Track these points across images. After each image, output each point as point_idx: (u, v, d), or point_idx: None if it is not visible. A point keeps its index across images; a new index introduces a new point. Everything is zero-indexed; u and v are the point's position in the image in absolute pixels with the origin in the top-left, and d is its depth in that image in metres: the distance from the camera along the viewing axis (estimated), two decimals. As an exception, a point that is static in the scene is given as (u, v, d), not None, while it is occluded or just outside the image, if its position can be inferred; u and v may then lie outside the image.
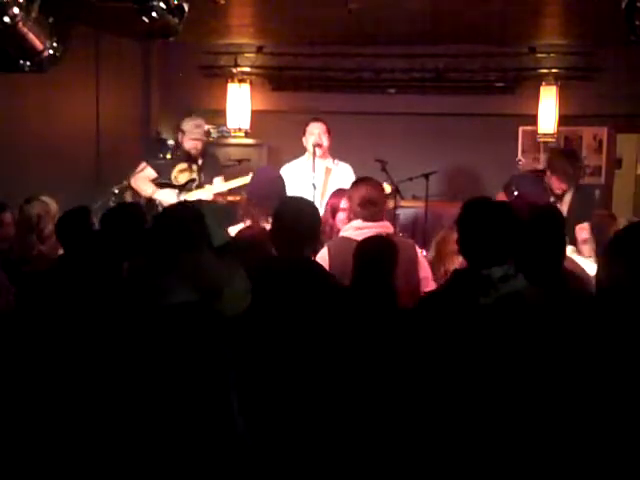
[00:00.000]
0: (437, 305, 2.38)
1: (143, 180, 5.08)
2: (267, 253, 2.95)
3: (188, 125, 5.15)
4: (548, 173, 4.74)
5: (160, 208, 5.01)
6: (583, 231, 4.07)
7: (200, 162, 5.18)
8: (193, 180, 5.16)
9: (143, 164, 5.12)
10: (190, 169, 5.17)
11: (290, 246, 2.70)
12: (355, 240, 3.43)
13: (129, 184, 5.07)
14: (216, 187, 5.10)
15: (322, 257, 3.39)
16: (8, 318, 2.85)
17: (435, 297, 2.50)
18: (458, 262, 3.06)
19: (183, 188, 5.13)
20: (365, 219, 3.47)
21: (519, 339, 2.17)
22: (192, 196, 5.04)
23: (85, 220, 3.44)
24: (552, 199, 4.66)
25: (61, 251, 3.54)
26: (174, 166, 5.15)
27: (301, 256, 2.70)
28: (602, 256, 2.28)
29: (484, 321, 2.21)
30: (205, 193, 5.05)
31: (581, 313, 2.19)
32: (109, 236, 2.89)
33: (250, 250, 3.09)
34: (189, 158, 5.17)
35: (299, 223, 2.72)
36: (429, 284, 3.35)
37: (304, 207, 2.85)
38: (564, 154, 4.93)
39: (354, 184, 3.69)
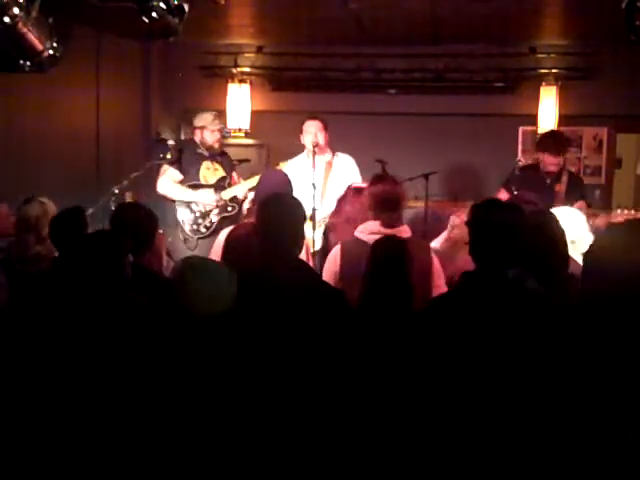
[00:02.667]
0: (453, 307, 2.35)
1: (171, 184, 5.01)
2: (242, 255, 2.91)
3: (206, 119, 5.12)
4: (540, 156, 5.01)
5: (202, 210, 4.99)
6: None
7: (219, 158, 5.16)
8: (224, 178, 5.11)
9: (167, 167, 5.02)
10: (214, 167, 5.13)
11: (275, 246, 2.62)
12: (368, 244, 3.38)
13: (157, 190, 4.96)
14: (250, 181, 5.05)
15: (334, 257, 3.34)
16: (3, 318, 2.85)
17: (449, 299, 2.47)
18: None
19: (217, 187, 5.09)
20: (383, 224, 3.36)
21: (539, 339, 2.16)
22: (229, 193, 5.04)
23: (78, 221, 3.43)
24: (548, 181, 4.95)
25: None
26: (198, 166, 5.07)
27: (288, 256, 2.64)
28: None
29: (501, 323, 2.20)
30: (241, 189, 5.02)
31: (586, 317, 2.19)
32: (112, 235, 2.88)
33: (242, 250, 3.07)
34: (211, 154, 5.12)
35: (282, 223, 2.63)
36: (442, 292, 3.30)
37: (286, 206, 2.75)
38: (549, 132, 5.38)
39: (372, 182, 3.56)
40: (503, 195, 4.90)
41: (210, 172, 5.11)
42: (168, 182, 5.00)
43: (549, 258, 2.70)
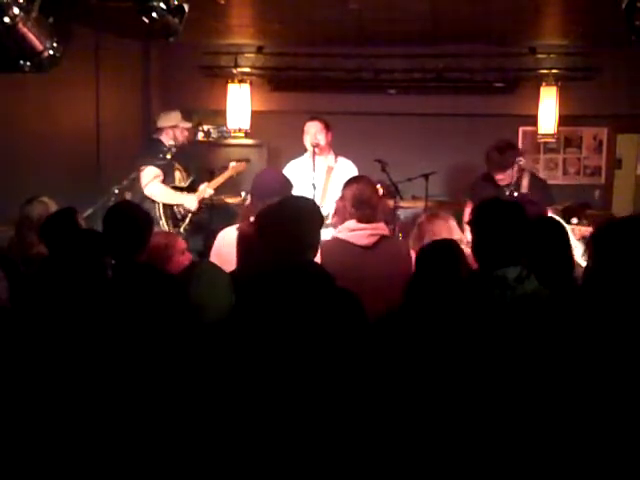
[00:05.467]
0: (453, 307, 2.35)
1: (161, 186, 5.08)
2: (255, 253, 2.88)
3: (176, 118, 5.24)
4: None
5: (181, 212, 5.13)
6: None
7: (182, 159, 5.32)
8: (194, 181, 5.25)
9: (153, 169, 5.05)
10: (182, 167, 5.26)
11: (291, 249, 2.57)
12: (349, 242, 3.40)
13: (143, 194, 5.03)
14: (215, 181, 5.16)
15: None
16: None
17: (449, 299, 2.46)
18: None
19: (192, 190, 5.22)
20: (359, 221, 3.42)
21: (538, 340, 2.16)
22: (201, 194, 5.17)
23: (70, 222, 3.43)
24: (507, 192, 4.67)
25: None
26: (172, 167, 5.18)
27: (304, 259, 2.63)
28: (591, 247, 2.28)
29: (502, 322, 2.20)
30: (209, 189, 5.17)
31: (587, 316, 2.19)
32: (97, 235, 2.89)
33: (252, 249, 3.04)
34: (176, 156, 5.22)
35: (299, 224, 2.62)
36: None
37: (304, 207, 2.76)
38: (493, 145, 4.83)
39: (347, 183, 3.62)
40: (468, 207, 4.80)
41: (181, 174, 5.27)
42: (158, 184, 5.06)
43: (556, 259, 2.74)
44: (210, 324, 2.33)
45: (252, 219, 3.51)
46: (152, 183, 5.03)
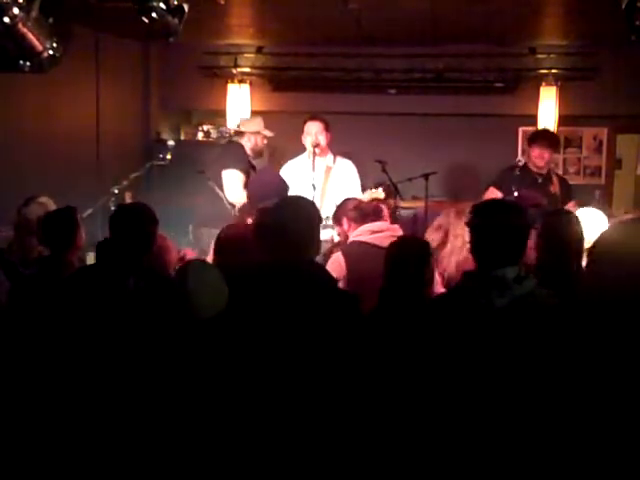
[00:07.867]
0: (451, 307, 2.35)
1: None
2: (252, 253, 2.88)
3: (260, 124, 5.12)
4: (529, 151, 4.91)
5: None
6: None
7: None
8: None
9: (238, 173, 4.77)
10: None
11: (289, 249, 2.57)
12: (371, 244, 3.42)
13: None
14: None
15: (338, 262, 3.35)
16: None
17: (448, 299, 2.47)
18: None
19: None
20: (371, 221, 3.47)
21: (537, 340, 2.16)
22: None
23: (70, 220, 3.42)
24: (540, 180, 4.84)
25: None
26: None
27: (301, 259, 2.62)
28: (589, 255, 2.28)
29: (501, 323, 2.20)
30: None
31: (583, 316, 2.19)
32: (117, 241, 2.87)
33: (235, 250, 3.04)
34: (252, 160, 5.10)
35: (298, 223, 2.62)
36: (436, 287, 3.28)
37: (304, 207, 2.76)
38: (542, 129, 5.29)
39: (340, 206, 3.72)
40: (493, 194, 4.84)
41: None
42: (243, 192, 4.64)
43: (559, 258, 2.79)
44: (205, 321, 2.34)
45: (249, 220, 3.52)
46: (237, 189, 4.70)
